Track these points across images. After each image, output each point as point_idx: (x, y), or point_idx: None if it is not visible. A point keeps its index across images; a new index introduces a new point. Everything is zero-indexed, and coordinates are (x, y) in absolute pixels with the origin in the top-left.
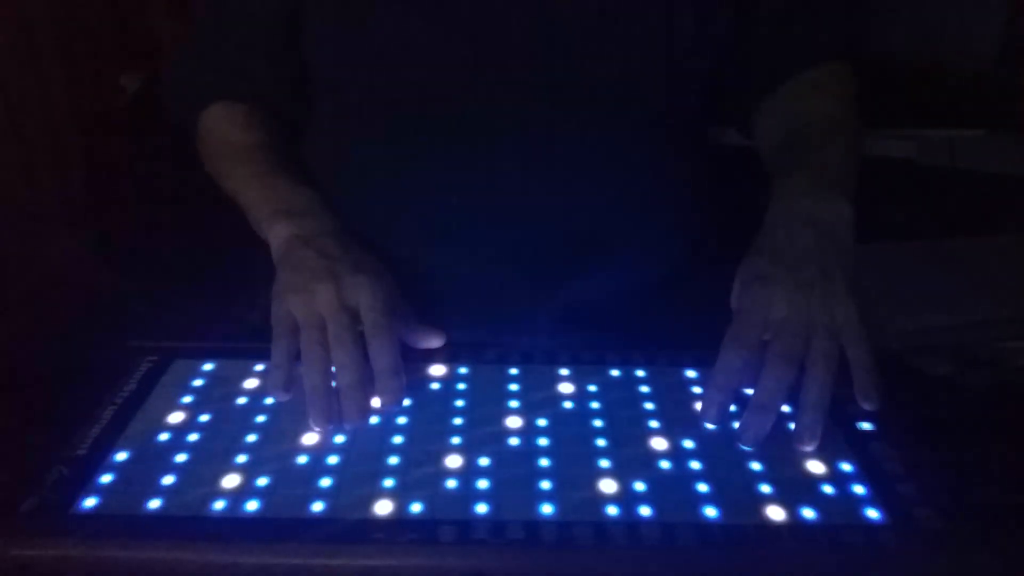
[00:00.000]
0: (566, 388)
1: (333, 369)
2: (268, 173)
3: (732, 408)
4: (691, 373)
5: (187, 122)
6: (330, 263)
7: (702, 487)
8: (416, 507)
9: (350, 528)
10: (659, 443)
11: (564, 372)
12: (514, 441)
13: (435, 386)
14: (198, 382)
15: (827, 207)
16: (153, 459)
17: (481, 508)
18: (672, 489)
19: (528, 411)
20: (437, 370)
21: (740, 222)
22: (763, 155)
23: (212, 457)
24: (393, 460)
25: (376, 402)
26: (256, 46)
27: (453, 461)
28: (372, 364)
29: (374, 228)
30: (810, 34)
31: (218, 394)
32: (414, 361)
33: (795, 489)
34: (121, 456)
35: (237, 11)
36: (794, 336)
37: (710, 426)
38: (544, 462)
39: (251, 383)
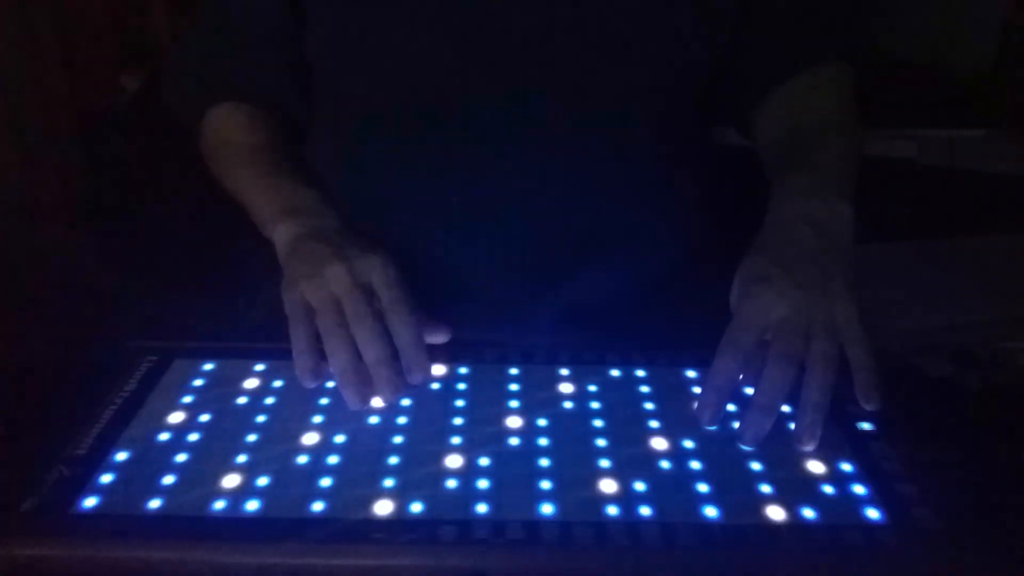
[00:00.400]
0: (566, 388)
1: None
2: (271, 173)
3: (731, 408)
4: (691, 373)
5: (190, 122)
6: (338, 248)
7: (702, 487)
8: (416, 507)
9: (350, 528)
10: (659, 443)
11: (564, 372)
12: (514, 441)
13: (435, 386)
14: (198, 382)
15: (827, 207)
16: (153, 459)
17: (481, 508)
18: (672, 489)
19: (528, 411)
20: (437, 370)
21: (740, 222)
22: (762, 156)
23: (212, 457)
24: (393, 460)
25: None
26: (259, 46)
27: (453, 461)
28: (395, 340)
29: (376, 226)
30: (810, 35)
31: (218, 394)
32: None
33: (795, 489)
34: (121, 456)
35: (240, 11)
36: (794, 336)
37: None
38: (544, 462)
39: (251, 383)
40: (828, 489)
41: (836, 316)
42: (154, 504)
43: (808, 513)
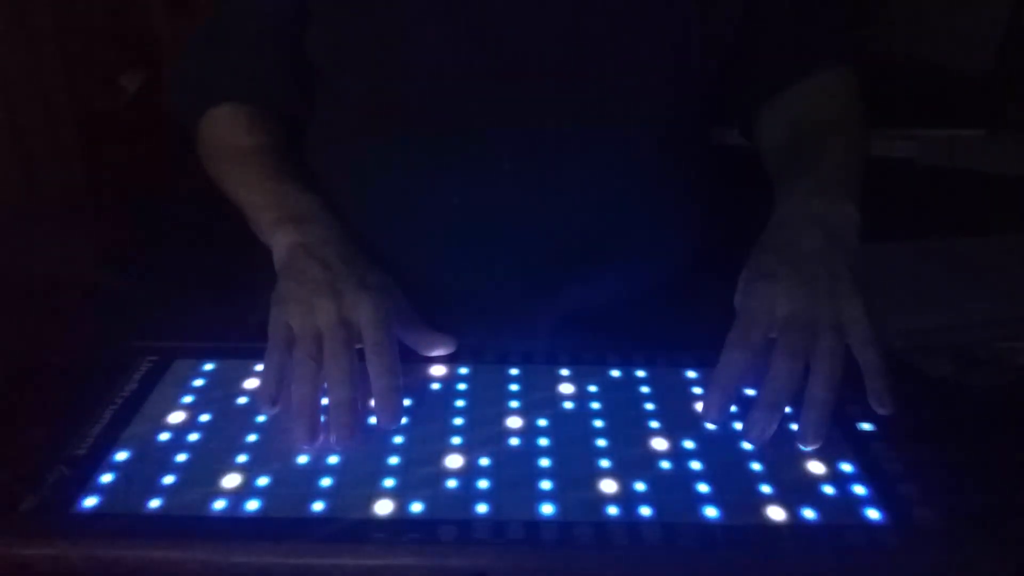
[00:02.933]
0: (566, 388)
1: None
2: (271, 177)
3: (733, 408)
4: (692, 374)
5: (190, 123)
6: (333, 277)
7: (702, 487)
8: (416, 507)
9: (350, 528)
10: (659, 443)
11: (564, 372)
12: (514, 441)
13: (435, 386)
14: (198, 382)
15: (833, 208)
16: (153, 459)
17: (481, 508)
18: (672, 489)
19: (528, 411)
20: (437, 370)
21: (743, 224)
22: (766, 157)
23: (212, 457)
24: (393, 460)
25: (372, 420)
26: (262, 48)
27: (453, 461)
28: (371, 382)
29: (376, 230)
30: (815, 39)
31: (218, 394)
32: (415, 361)
33: (795, 489)
34: (121, 456)
35: (243, 12)
36: (800, 334)
37: (710, 426)
38: (544, 462)
39: (251, 383)
40: (828, 489)
41: (842, 314)
42: (154, 504)
43: (808, 513)
